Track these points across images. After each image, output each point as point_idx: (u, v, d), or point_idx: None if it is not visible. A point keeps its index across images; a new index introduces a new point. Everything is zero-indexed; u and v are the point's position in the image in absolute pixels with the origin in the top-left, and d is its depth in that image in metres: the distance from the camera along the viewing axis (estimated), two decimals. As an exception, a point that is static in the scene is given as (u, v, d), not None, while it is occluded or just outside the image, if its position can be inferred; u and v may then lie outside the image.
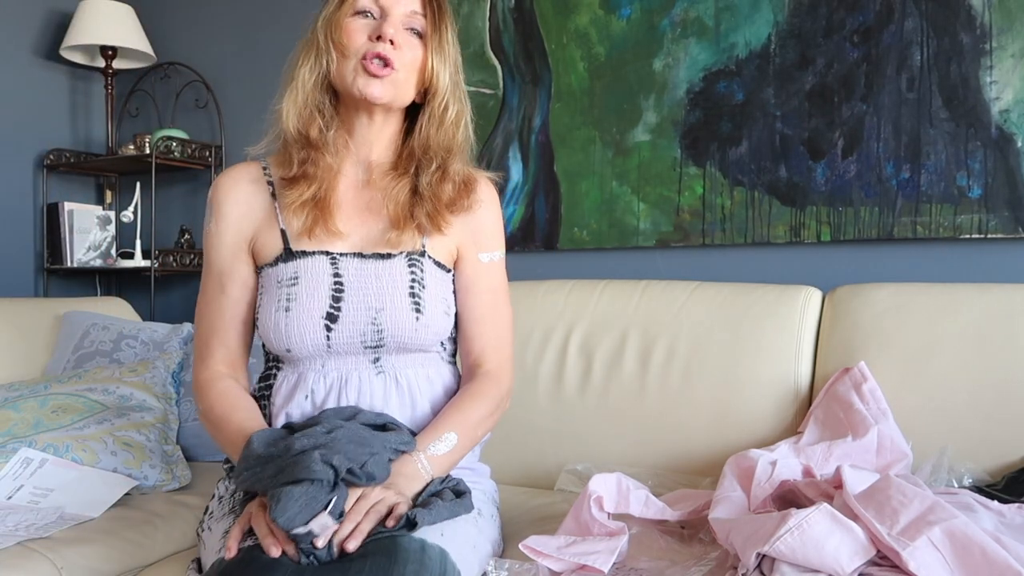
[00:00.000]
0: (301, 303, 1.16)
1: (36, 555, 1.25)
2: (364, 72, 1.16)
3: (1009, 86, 1.59)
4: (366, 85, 1.16)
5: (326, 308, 1.16)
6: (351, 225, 1.21)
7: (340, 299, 1.17)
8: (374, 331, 1.17)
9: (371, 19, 1.18)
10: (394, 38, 1.16)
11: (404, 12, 1.18)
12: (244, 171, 1.26)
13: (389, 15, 1.17)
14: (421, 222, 1.20)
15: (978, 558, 0.86)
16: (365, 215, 1.22)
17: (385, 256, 1.20)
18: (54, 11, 2.66)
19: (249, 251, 1.23)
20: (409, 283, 1.19)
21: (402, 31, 1.18)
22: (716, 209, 1.86)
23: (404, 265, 1.19)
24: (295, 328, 1.16)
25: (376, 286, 1.18)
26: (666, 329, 1.63)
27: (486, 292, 1.27)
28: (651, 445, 1.58)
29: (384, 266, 1.19)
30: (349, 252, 1.20)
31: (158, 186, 2.52)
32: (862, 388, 1.41)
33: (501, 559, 1.06)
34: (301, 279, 1.17)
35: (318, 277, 1.17)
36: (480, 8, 2.13)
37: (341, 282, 1.17)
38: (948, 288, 1.49)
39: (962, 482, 1.27)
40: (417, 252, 1.21)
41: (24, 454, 1.54)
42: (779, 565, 0.91)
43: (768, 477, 1.16)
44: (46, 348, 2.07)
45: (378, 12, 1.18)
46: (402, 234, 1.19)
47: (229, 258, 1.23)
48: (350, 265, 1.18)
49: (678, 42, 1.90)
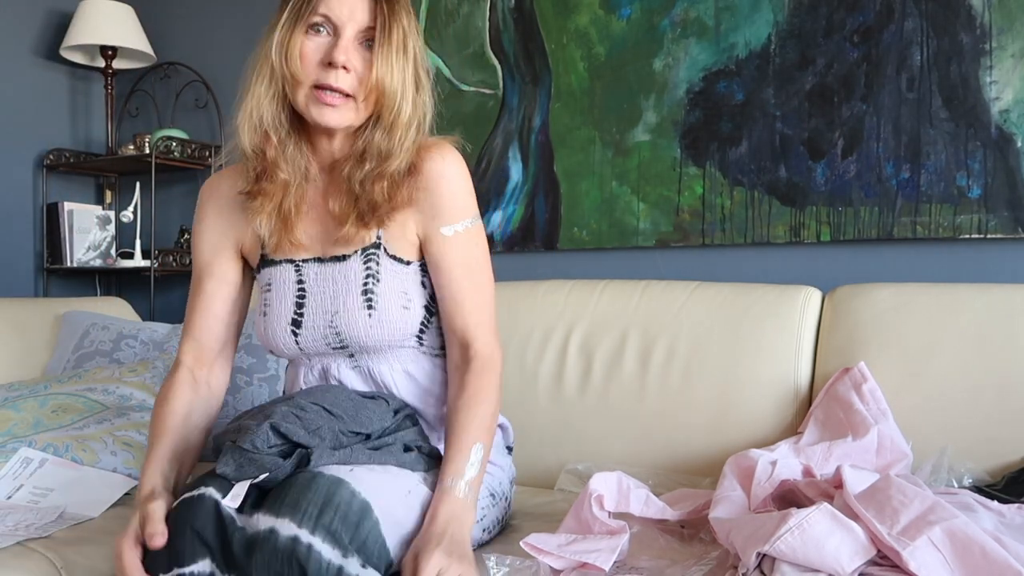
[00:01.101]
0: (273, 309, 1.23)
1: (36, 555, 1.25)
2: (317, 103, 1.13)
3: (1009, 86, 1.59)
4: (320, 114, 1.13)
5: (291, 315, 1.22)
6: (312, 232, 1.22)
7: (303, 305, 1.22)
8: (333, 334, 1.20)
9: (325, 35, 1.14)
10: (346, 63, 1.12)
11: (357, 29, 1.14)
12: (235, 172, 1.27)
13: (341, 34, 1.13)
14: (363, 214, 1.17)
15: (978, 558, 0.86)
16: (326, 218, 1.22)
17: (341, 258, 1.21)
18: (54, 11, 2.66)
19: (237, 251, 1.27)
20: (363, 280, 1.19)
21: (354, 49, 1.13)
22: (716, 209, 1.86)
23: (360, 263, 1.20)
24: (270, 333, 1.23)
25: (333, 289, 1.20)
26: (666, 329, 1.63)
27: (457, 267, 1.20)
28: (651, 445, 1.58)
29: (340, 268, 1.21)
30: (311, 258, 1.22)
31: (158, 186, 2.52)
32: (862, 388, 1.41)
33: (502, 556, 1.06)
34: (273, 286, 1.24)
35: (285, 285, 1.23)
36: (480, 8, 2.13)
37: (304, 288, 1.22)
38: (948, 288, 1.49)
39: (962, 482, 1.27)
40: (372, 246, 1.20)
41: (24, 454, 1.54)
42: (779, 564, 0.91)
43: (768, 477, 1.16)
44: (46, 348, 2.07)
45: (331, 28, 1.14)
46: (347, 230, 1.17)
47: (208, 256, 1.27)
48: (311, 271, 1.22)
49: (678, 42, 1.90)
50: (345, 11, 1.13)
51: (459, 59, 2.16)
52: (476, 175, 2.11)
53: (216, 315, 1.27)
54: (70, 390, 1.75)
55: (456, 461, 1.11)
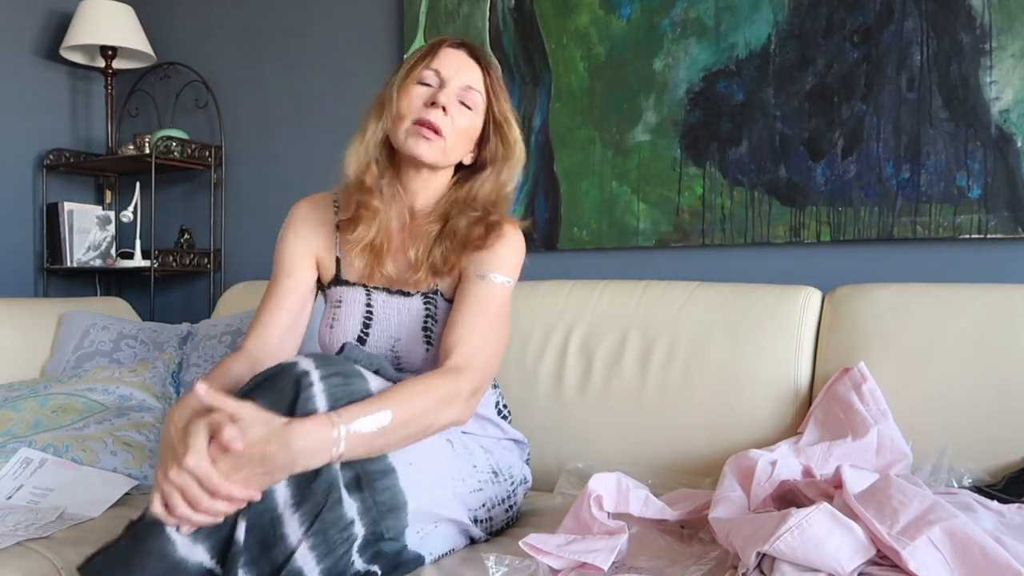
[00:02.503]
0: (341, 324, 1.37)
1: (36, 555, 1.25)
2: (415, 134, 1.29)
3: (1009, 86, 1.59)
4: (415, 145, 1.29)
5: (358, 332, 1.36)
6: (393, 263, 1.37)
7: (369, 326, 1.36)
8: (393, 356, 1.35)
9: (430, 88, 1.32)
10: (447, 106, 1.29)
11: (460, 85, 1.32)
12: (321, 199, 1.44)
13: (446, 86, 1.31)
14: (435, 262, 1.32)
15: (978, 558, 0.86)
16: (398, 255, 1.37)
17: (406, 294, 1.36)
18: (54, 11, 2.66)
19: (315, 264, 1.42)
20: (423, 319, 1.35)
21: (455, 102, 1.31)
22: (716, 209, 1.86)
23: (420, 303, 1.36)
24: (336, 343, 1.35)
25: (397, 319, 1.36)
26: (666, 329, 1.63)
27: (476, 300, 1.30)
28: (651, 445, 1.58)
29: (404, 302, 1.36)
30: (380, 287, 1.37)
31: (158, 186, 2.52)
32: (862, 388, 1.41)
33: (501, 556, 1.06)
34: (344, 304, 1.38)
35: (355, 305, 1.37)
36: (480, 8, 2.13)
37: (371, 312, 1.37)
38: (948, 288, 1.49)
39: (962, 482, 1.27)
40: (431, 292, 1.36)
41: (24, 454, 1.54)
42: (779, 564, 0.91)
43: (768, 477, 1.16)
44: (46, 348, 2.07)
45: (438, 83, 1.32)
46: (416, 275, 1.33)
47: (292, 260, 1.40)
48: (379, 298, 1.37)
49: (678, 42, 1.90)
50: (453, 68, 1.32)
51: (459, 59, 2.16)
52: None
53: (288, 309, 1.37)
54: (70, 390, 1.75)
55: (353, 410, 1.06)
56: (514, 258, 1.36)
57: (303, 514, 1.03)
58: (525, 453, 1.48)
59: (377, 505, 1.09)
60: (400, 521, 1.12)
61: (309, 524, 1.02)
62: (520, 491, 1.41)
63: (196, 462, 0.98)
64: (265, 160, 2.53)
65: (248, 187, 2.57)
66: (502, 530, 1.37)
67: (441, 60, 1.33)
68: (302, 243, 1.41)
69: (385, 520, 1.10)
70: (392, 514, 1.10)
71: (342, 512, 1.05)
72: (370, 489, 1.08)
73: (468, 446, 1.31)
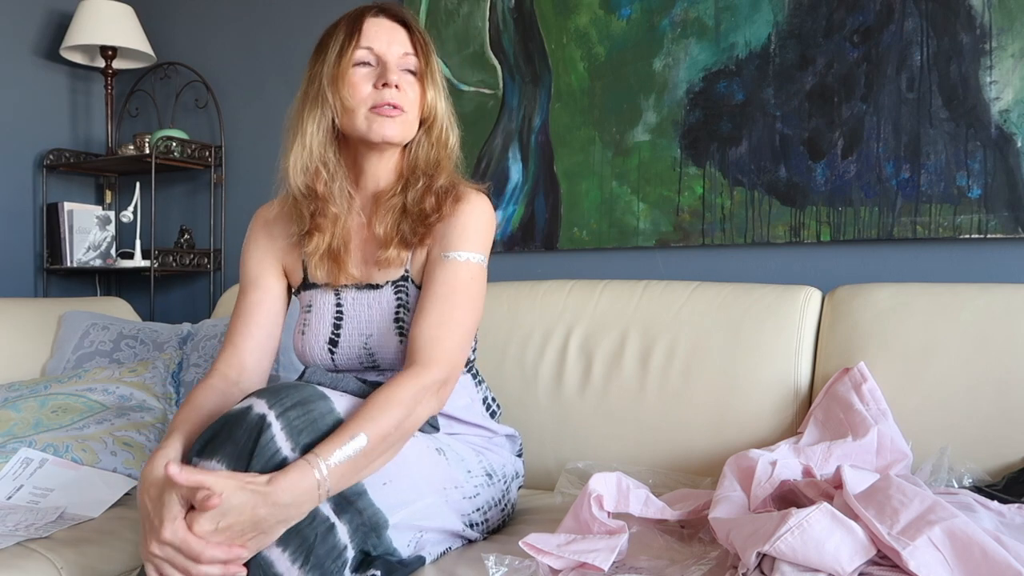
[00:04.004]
0: (312, 328, 1.34)
1: (36, 555, 1.25)
2: (379, 117, 1.25)
3: (1009, 86, 1.59)
4: (382, 128, 1.25)
5: (329, 334, 1.32)
6: (357, 262, 1.33)
7: (340, 326, 1.32)
8: (367, 354, 1.31)
9: (370, 67, 1.27)
10: (398, 83, 1.26)
11: (398, 55, 1.28)
12: (279, 204, 1.40)
13: (387, 61, 1.27)
14: (405, 235, 1.28)
15: (978, 558, 0.86)
16: (367, 245, 1.33)
17: (375, 286, 1.32)
18: (54, 11, 2.66)
19: (281, 271, 1.39)
20: (395, 309, 1.30)
21: (400, 73, 1.27)
22: (716, 209, 1.86)
23: (391, 294, 1.31)
24: (308, 349, 1.34)
25: (367, 315, 1.31)
26: (666, 329, 1.63)
27: (439, 285, 1.25)
28: (651, 445, 1.58)
29: (375, 296, 1.32)
30: (350, 284, 1.33)
31: (158, 186, 2.52)
32: (862, 388, 1.41)
33: (501, 556, 1.07)
34: (313, 307, 1.34)
35: (325, 308, 1.34)
36: (480, 8, 2.13)
37: (341, 312, 1.33)
38: (948, 288, 1.49)
39: (962, 482, 1.27)
40: (401, 278, 1.31)
41: (24, 454, 1.54)
42: (779, 564, 0.91)
43: (768, 477, 1.16)
44: (46, 348, 2.06)
45: (375, 60, 1.27)
46: (389, 252, 1.28)
47: (256, 271, 1.37)
48: (348, 296, 1.33)
49: (678, 42, 1.90)
50: (385, 41, 1.27)
51: (459, 59, 2.16)
52: (476, 175, 2.11)
53: (258, 323, 1.35)
54: (70, 390, 1.75)
55: (330, 442, 1.03)
56: (478, 228, 1.29)
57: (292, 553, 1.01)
58: (517, 446, 1.46)
59: (364, 523, 1.08)
60: (384, 539, 1.11)
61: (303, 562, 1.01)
62: (514, 487, 1.41)
63: (172, 534, 0.96)
64: (265, 160, 2.53)
65: (248, 187, 2.57)
66: (499, 528, 1.37)
67: (369, 35, 1.27)
68: (264, 253, 1.38)
69: (370, 539, 1.10)
70: (375, 532, 1.10)
71: (335, 542, 1.04)
72: (354, 508, 1.08)
73: (460, 452, 1.29)
